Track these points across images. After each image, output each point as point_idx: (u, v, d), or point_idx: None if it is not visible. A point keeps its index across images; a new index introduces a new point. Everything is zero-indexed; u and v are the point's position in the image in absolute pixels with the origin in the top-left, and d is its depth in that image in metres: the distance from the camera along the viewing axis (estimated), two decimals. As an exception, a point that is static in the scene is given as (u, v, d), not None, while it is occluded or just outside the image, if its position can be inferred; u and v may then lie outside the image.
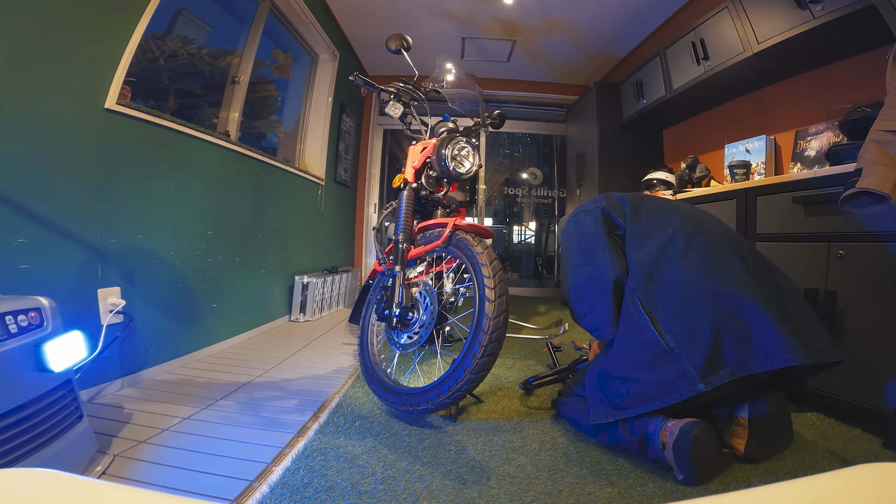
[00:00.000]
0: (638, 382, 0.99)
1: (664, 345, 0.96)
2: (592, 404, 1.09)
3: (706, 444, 0.90)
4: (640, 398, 0.98)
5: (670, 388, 0.94)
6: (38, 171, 1.19)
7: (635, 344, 1.01)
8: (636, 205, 1.19)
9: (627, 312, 1.06)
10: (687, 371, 0.92)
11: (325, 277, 2.89)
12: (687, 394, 0.92)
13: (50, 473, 0.29)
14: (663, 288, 1.02)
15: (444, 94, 1.81)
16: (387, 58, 3.47)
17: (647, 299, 1.02)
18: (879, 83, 1.11)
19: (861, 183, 0.98)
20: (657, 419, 0.97)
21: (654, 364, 0.97)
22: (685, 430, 0.90)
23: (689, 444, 0.88)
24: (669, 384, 0.94)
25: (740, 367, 0.91)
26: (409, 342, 1.32)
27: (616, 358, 1.06)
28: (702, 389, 0.90)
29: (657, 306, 1.00)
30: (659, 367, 0.96)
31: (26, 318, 0.84)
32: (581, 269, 1.18)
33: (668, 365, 0.95)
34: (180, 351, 1.71)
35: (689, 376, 0.92)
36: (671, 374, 0.94)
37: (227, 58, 2.31)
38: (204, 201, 1.87)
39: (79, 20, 1.27)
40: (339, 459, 0.99)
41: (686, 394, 0.92)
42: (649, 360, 0.98)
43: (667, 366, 0.95)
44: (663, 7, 2.86)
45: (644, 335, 0.99)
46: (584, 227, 1.21)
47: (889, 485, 0.27)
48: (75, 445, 0.89)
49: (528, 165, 4.63)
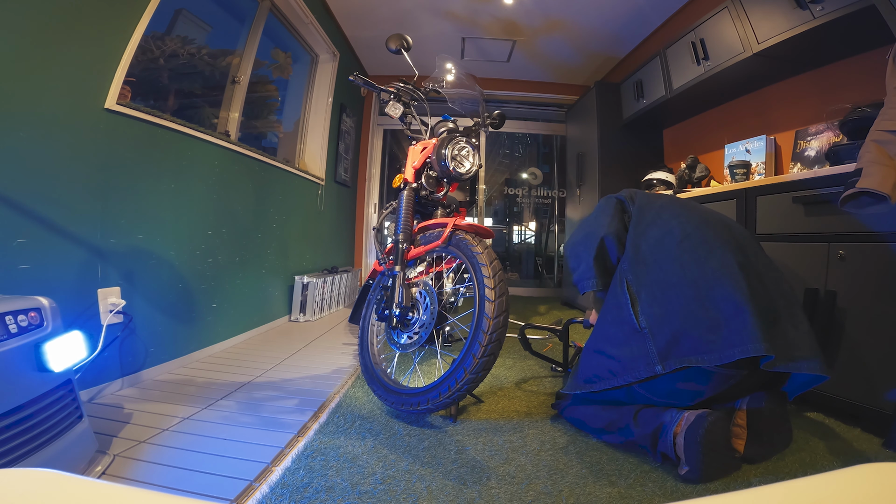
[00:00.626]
0: (609, 357, 1.05)
1: (636, 323, 1.01)
2: (571, 378, 1.16)
3: (718, 433, 0.91)
4: (606, 373, 1.04)
5: (633, 365, 0.99)
6: (39, 171, 1.19)
7: (613, 319, 1.08)
8: (651, 199, 1.26)
9: (614, 291, 1.11)
10: (649, 351, 0.96)
11: (325, 277, 2.89)
12: (646, 373, 0.96)
13: (50, 473, 0.29)
14: (651, 273, 1.06)
15: (444, 94, 1.81)
16: (387, 58, 3.47)
17: (635, 281, 1.07)
18: (879, 83, 1.11)
19: (861, 183, 0.98)
20: (672, 411, 0.98)
21: (624, 341, 1.02)
22: (702, 416, 0.92)
23: (702, 429, 0.90)
24: (633, 361, 0.99)
25: (703, 356, 0.93)
26: (409, 342, 1.32)
27: (596, 334, 1.14)
28: (659, 371, 0.94)
29: (641, 289, 1.05)
30: (628, 344, 1.01)
31: (26, 318, 0.84)
32: (582, 229, 1.28)
33: (635, 343, 1.00)
34: (180, 351, 1.71)
35: (650, 356, 0.96)
36: (636, 352, 0.99)
37: (227, 58, 2.31)
38: (204, 201, 1.87)
39: (79, 20, 1.27)
40: (339, 459, 0.99)
41: (645, 373, 0.96)
42: (622, 336, 1.04)
43: (634, 344, 1.00)
44: (663, 7, 2.86)
45: (622, 312, 1.05)
46: (601, 206, 1.31)
47: (889, 485, 0.27)
48: (75, 445, 0.89)
49: (528, 165, 4.63)
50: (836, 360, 1.25)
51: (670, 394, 1.02)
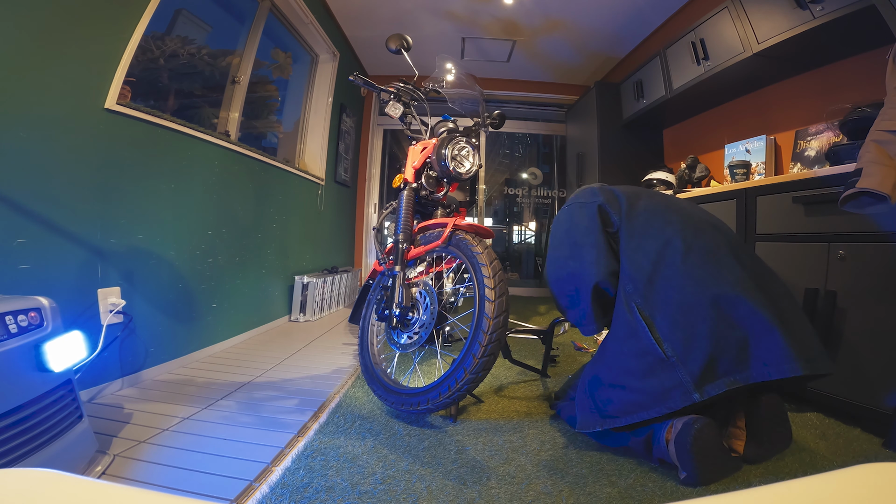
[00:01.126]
0: (631, 390, 0.97)
1: (661, 352, 0.94)
2: (580, 411, 1.06)
3: (708, 438, 0.90)
4: (631, 406, 0.96)
5: (665, 396, 0.93)
6: (39, 171, 1.19)
7: (631, 351, 0.99)
8: (633, 202, 1.15)
9: (623, 318, 1.03)
10: (683, 380, 0.91)
11: (325, 277, 2.89)
12: (682, 403, 0.91)
13: (50, 473, 0.29)
14: (662, 293, 0.99)
15: (444, 94, 1.81)
16: (387, 58, 3.46)
17: (646, 305, 1.00)
18: (879, 83, 1.11)
19: (861, 183, 0.98)
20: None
21: (649, 372, 0.95)
22: (688, 424, 0.90)
23: (690, 437, 0.88)
24: (664, 393, 0.93)
25: (738, 376, 0.90)
26: (409, 342, 1.32)
27: (610, 365, 1.04)
28: (697, 399, 0.90)
29: (655, 312, 0.98)
30: (654, 375, 0.95)
31: (26, 318, 0.84)
32: (565, 264, 1.16)
33: (663, 373, 0.94)
34: (180, 351, 1.71)
35: (684, 385, 0.91)
36: (667, 382, 0.93)
37: (227, 58, 2.31)
38: (204, 201, 1.87)
39: (79, 20, 1.27)
40: (339, 459, 0.99)
41: (681, 403, 0.91)
42: (645, 367, 0.96)
43: (662, 374, 0.94)
44: (663, 7, 2.86)
45: (641, 342, 0.97)
46: (577, 221, 1.16)
47: (889, 485, 0.27)
48: (75, 445, 0.89)
49: (528, 165, 4.63)
50: (836, 360, 1.25)
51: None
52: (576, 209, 1.20)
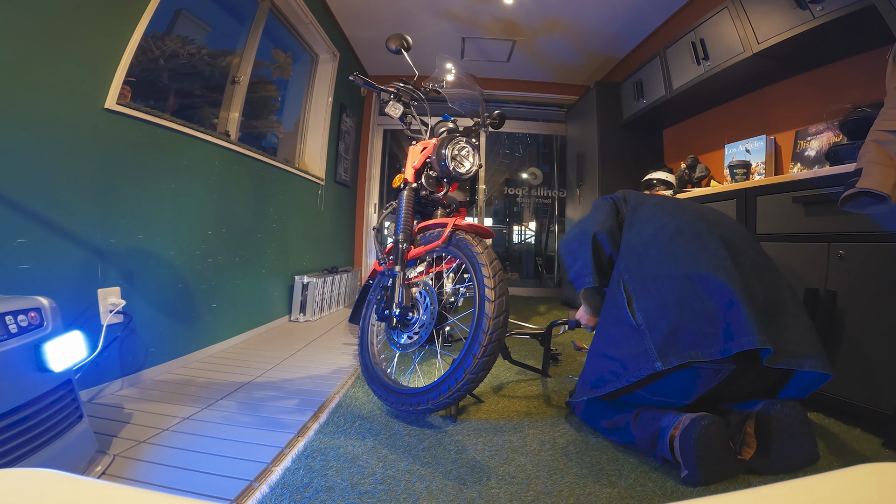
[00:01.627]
0: (611, 359, 1.03)
1: (633, 321, 0.99)
2: (579, 384, 1.14)
3: (713, 436, 0.89)
4: (610, 375, 1.02)
5: (633, 364, 0.97)
6: (39, 171, 1.19)
7: (613, 320, 1.06)
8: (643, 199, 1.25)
9: (612, 292, 1.10)
10: (647, 348, 0.95)
11: (325, 277, 2.89)
12: (646, 371, 0.94)
13: (50, 473, 0.29)
14: (645, 269, 1.05)
15: (444, 94, 1.81)
16: (387, 58, 3.47)
17: (630, 279, 1.06)
18: (879, 83, 1.11)
19: (861, 183, 0.98)
20: (670, 415, 0.97)
21: (624, 340, 1.01)
22: (695, 420, 0.90)
23: (696, 433, 0.88)
24: (633, 360, 0.97)
25: (704, 350, 0.92)
26: (409, 342, 1.32)
27: (598, 336, 1.13)
28: (659, 368, 0.92)
29: (637, 287, 1.04)
30: (627, 343, 1.00)
31: (26, 318, 0.84)
32: (576, 227, 1.28)
33: (634, 341, 0.98)
34: (180, 351, 1.71)
35: (648, 353, 0.95)
36: (636, 349, 0.97)
37: (227, 58, 2.31)
38: (204, 201, 1.87)
39: (79, 20, 1.27)
40: (339, 459, 0.99)
41: (645, 371, 0.94)
42: (621, 335, 1.02)
43: (633, 342, 0.98)
44: (663, 7, 2.86)
45: (619, 311, 1.04)
46: (595, 206, 1.32)
47: (889, 485, 0.27)
48: (75, 445, 0.89)
49: (528, 165, 4.63)
50: (836, 360, 1.25)
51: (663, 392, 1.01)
52: (596, 202, 1.35)
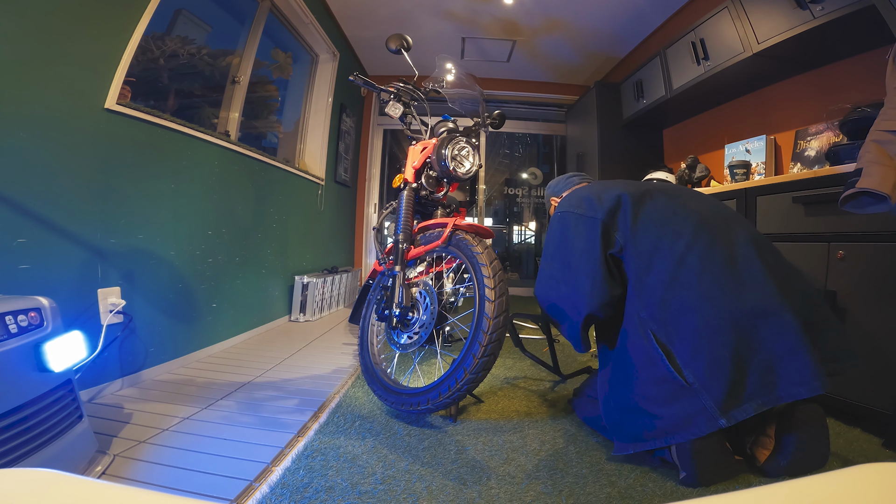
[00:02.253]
0: (657, 417, 0.92)
1: (680, 380, 0.89)
2: (616, 435, 1.01)
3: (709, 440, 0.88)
4: (659, 433, 0.92)
5: (688, 423, 0.88)
6: (38, 171, 1.19)
7: (650, 378, 0.94)
8: (638, 210, 1.03)
9: (639, 343, 0.97)
10: (707, 406, 0.86)
11: (325, 277, 2.89)
12: (707, 429, 0.86)
13: (50, 473, 0.29)
14: (679, 317, 0.92)
15: (444, 94, 1.81)
16: (387, 58, 3.46)
17: (662, 331, 0.93)
18: (879, 83, 1.11)
19: (861, 183, 0.98)
20: None
21: (671, 398, 0.91)
22: None
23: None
24: (688, 419, 0.88)
25: (765, 398, 0.85)
26: (409, 342, 1.32)
27: (627, 387, 0.98)
28: (724, 425, 0.85)
29: (673, 338, 0.92)
30: (677, 401, 0.90)
31: (26, 318, 0.83)
32: (557, 287, 1.09)
33: (686, 399, 0.89)
34: (180, 351, 1.71)
35: (709, 411, 0.86)
36: (689, 408, 0.88)
37: (227, 58, 2.31)
38: (204, 201, 1.87)
39: (79, 20, 1.27)
40: (339, 459, 0.99)
41: (706, 429, 0.86)
42: (666, 394, 0.91)
43: (685, 400, 0.89)
44: (663, 7, 2.86)
45: (658, 370, 0.92)
46: (571, 238, 1.06)
47: (889, 485, 0.27)
48: (75, 445, 0.89)
49: (528, 165, 4.64)
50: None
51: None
52: (571, 221, 1.08)
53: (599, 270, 1.00)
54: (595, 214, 1.04)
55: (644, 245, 0.99)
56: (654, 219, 1.01)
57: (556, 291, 1.09)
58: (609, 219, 1.02)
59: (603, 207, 1.04)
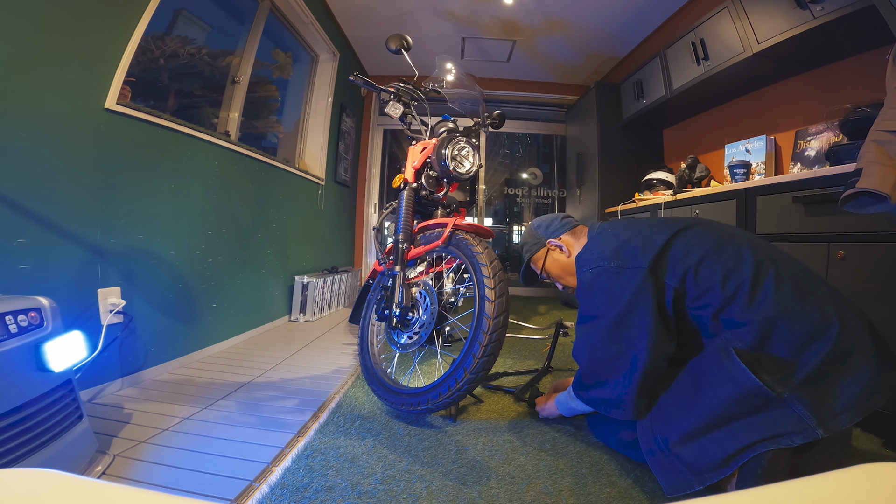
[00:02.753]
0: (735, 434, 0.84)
1: (770, 393, 0.81)
2: (664, 475, 0.89)
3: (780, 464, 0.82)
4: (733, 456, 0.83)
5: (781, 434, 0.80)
6: (38, 171, 1.19)
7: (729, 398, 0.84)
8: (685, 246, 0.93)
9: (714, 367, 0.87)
10: (802, 416, 0.80)
11: (325, 277, 2.89)
12: (801, 440, 0.80)
13: (50, 473, 0.29)
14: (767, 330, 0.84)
15: (444, 94, 1.81)
16: (387, 58, 3.47)
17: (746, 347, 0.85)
18: (879, 83, 1.11)
19: (861, 183, 0.98)
20: None
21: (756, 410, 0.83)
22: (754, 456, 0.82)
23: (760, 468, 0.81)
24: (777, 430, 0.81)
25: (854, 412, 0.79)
26: (409, 342, 1.32)
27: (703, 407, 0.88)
28: (821, 435, 0.78)
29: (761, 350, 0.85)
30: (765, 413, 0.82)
31: (26, 318, 0.84)
32: (605, 347, 0.96)
33: (775, 411, 0.82)
34: (180, 351, 1.71)
35: (804, 422, 0.79)
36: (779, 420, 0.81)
37: (227, 58, 2.31)
38: (204, 201, 1.87)
39: (79, 20, 1.27)
40: (339, 459, 0.99)
41: (800, 440, 0.80)
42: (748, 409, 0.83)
43: (774, 412, 0.82)
44: (663, 7, 2.86)
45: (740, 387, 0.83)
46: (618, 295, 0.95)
47: (889, 485, 0.27)
48: (75, 445, 0.89)
49: (528, 165, 4.63)
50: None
51: None
52: (610, 276, 0.97)
53: (655, 322, 0.90)
54: (640, 264, 0.94)
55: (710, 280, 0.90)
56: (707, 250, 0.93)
57: (604, 352, 0.97)
58: (657, 266, 0.93)
59: (647, 256, 0.94)
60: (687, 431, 0.87)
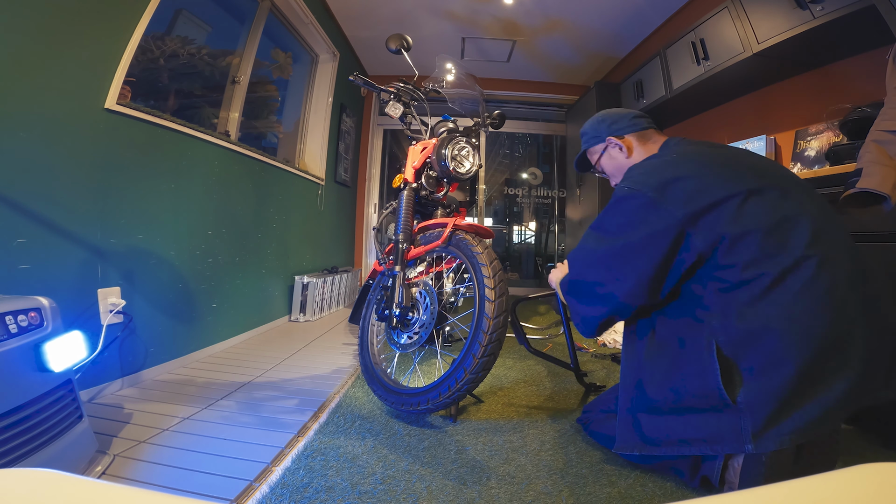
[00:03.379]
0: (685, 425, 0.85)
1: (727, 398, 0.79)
2: (620, 429, 0.93)
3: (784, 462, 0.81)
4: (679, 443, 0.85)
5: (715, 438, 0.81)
6: (38, 171, 1.19)
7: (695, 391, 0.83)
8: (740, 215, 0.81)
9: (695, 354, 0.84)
10: (741, 428, 0.78)
11: (325, 277, 2.89)
12: (731, 450, 0.80)
13: (50, 473, 0.29)
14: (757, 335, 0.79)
15: (444, 94, 1.81)
16: (387, 58, 3.46)
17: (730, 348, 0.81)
18: (879, 83, 1.11)
19: (861, 183, 0.98)
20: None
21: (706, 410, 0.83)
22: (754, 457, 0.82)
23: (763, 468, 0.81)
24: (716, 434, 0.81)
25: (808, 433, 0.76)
26: (409, 342, 1.32)
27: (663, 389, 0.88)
28: (749, 450, 0.77)
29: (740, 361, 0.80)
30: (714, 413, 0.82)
31: (26, 318, 0.83)
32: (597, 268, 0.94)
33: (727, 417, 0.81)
34: (180, 351, 1.71)
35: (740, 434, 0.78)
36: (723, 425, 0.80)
37: (227, 58, 2.31)
38: (204, 201, 1.87)
39: (79, 20, 1.27)
40: (339, 459, 0.99)
41: (729, 450, 0.80)
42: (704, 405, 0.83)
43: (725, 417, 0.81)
44: (663, 7, 2.86)
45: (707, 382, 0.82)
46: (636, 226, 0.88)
47: (889, 485, 0.27)
48: (75, 445, 0.89)
49: (528, 165, 4.63)
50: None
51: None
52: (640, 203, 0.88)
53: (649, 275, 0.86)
54: (676, 211, 0.83)
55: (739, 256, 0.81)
56: (760, 225, 0.81)
57: (594, 272, 0.95)
58: (691, 222, 0.83)
59: (691, 205, 0.83)
60: (653, 404, 0.90)
